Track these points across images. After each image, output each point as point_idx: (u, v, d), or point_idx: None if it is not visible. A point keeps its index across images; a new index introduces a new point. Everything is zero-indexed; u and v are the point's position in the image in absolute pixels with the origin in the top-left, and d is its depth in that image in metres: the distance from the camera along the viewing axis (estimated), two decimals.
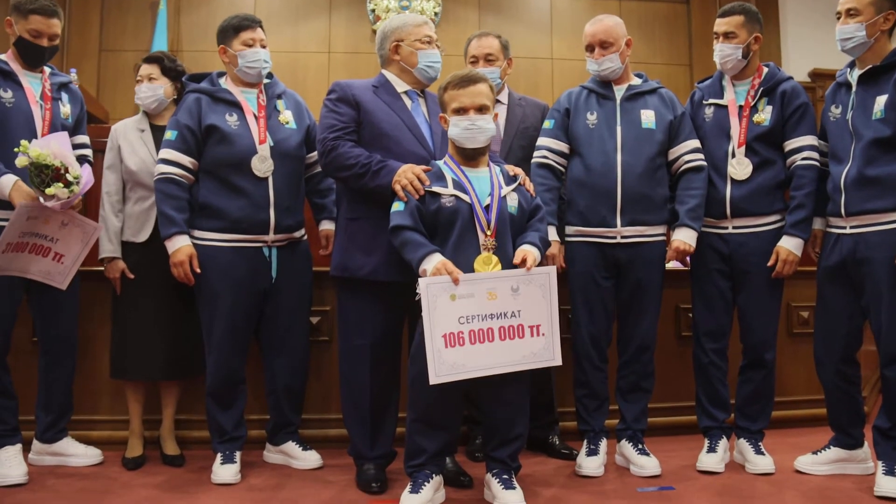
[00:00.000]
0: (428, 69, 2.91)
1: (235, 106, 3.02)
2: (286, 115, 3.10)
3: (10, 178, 2.86)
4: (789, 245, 2.98)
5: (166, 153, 2.96)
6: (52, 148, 2.81)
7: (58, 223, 2.95)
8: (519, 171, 2.81)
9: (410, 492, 2.58)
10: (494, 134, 2.71)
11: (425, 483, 2.60)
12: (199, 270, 2.93)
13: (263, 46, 3.06)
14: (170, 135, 2.98)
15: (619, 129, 3.06)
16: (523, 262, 2.58)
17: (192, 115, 2.98)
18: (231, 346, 3.00)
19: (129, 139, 3.18)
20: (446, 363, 2.49)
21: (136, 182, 3.13)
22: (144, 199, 3.13)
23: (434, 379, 2.47)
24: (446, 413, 2.64)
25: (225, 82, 3.10)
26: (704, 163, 3.07)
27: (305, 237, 3.20)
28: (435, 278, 2.50)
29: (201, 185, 2.99)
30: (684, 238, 3.00)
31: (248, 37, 3.03)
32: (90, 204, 3.56)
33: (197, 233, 2.97)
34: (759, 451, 3.03)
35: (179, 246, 2.92)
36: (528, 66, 6.94)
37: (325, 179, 3.21)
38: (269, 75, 3.17)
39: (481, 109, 2.66)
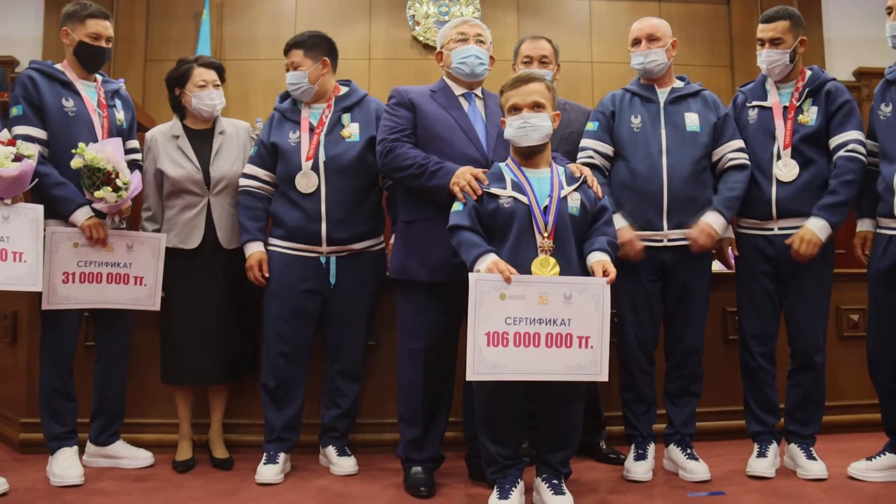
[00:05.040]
0: (461, 65, 2.91)
1: (299, 123, 3.13)
2: (351, 129, 3.13)
3: (86, 211, 2.97)
4: (812, 225, 2.91)
5: (246, 168, 3.18)
6: (108, 153, 2.90)
7: (123, 248, 3.06)
8: (586, 170, 2.78)
9: (499, 498, 2.58)
10: (550, 132, 2.68)
11: (512, 489, 2.60)
12: (267, 274, 3.07)
13: (295, 69, 3.12)
14: (252, 150, 3.18)
15: (663, 132, 3.04)
16: (602, 274, 2.55)
17: (266, 131, 3.17)
18: (280, 346, 3.06)
19: (165, 148, 3.21)
20: (487, 361, 2.48)
21: (180, 189, 3.18)
22: (192, 206, 3.17)
23: (471, 375, 2.48)
24: (508, 415, 2.63)
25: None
26: (748, 161, 3.04)
27: (377, 247, 3.21)
28: (486, 275, 2.49)
29: (275, 196, 3.15)
30: (711, 221, 2.94)
31: (286, 62, 3.15)
32: (135, 209, 3.62)
33: (270, 239, 3.14)
34: (810, 457, 2.98)
35: (252, 252, 3.09)
36: (568, 69, 6.82)
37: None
38: (347, 83, 3.26)
39: (535, 107, 2.64)
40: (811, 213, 2.93)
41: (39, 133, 2.96)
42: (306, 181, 3.04)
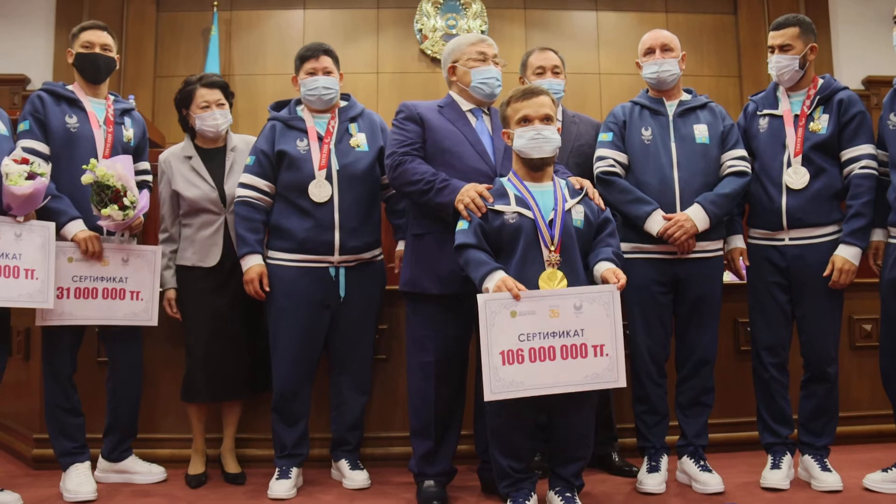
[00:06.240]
0: (482, 86, 2.92)
1: (305, 132, 3.11)
2: (359, 139, 3.15)
3: (78, 224, 2.99)
4: (846, 254, 2.91)
5: (244, 178, 3.10)
6: (118, 170, 2.92)
7: (118, 261, 3.06)
8: (585, 182, 2.80)
9: None
10: (560, 144, 2.71)
11: (526, 502, 2.59)
12: (268, 288, 3.03)
13: (327, 74, 3.13)
14: (249, 160, 3.12)
15: (673, 145, 3.04)
16: (602, 281, 2.59)
17: (268, 141, 3.11)
18: (293, 364, 3.05)
19: (179, 169, 3.23)
20: (503, 380, 2.47)
21: (198, 209, 3.19)
22: (209, 224, 3.19)
23: (489, 395, 2.47)
24: (519, 428, 2.62)
25: (302, 110, 3.19)
26: (747, 169, 3.04)
27: (380, 257, 3.23)
28: (494, 294, 2.49)
29: (275, 207, 3.10)
30: (691, 213, 2.94)
31: (310, 66, 3.13)
32: (148, 228, 3.65)
33: (270, 252, 3.09)
34: (825, 468, 2.95)
35: (251, 265, 3.04)
36: (576, 81, 6.87)
37: (402, 200, 3.20)
38: (346, 97, 3.26)
39: (546, 119, 2.66)
40: (841, 240, 2.93)
41: (43, 147, 3.01)
42: (320, 190, 3.04)
